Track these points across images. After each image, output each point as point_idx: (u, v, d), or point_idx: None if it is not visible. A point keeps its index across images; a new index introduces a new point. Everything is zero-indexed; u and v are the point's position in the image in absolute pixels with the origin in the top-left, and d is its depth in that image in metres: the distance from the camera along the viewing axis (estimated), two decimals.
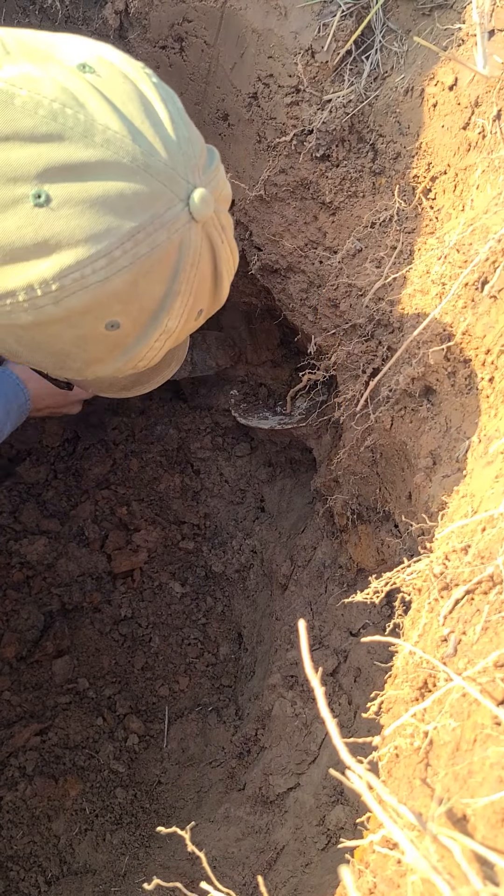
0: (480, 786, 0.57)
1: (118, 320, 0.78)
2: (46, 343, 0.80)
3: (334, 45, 1.13)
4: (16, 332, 0.79)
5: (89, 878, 1.42)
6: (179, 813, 1.52)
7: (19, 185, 0.71)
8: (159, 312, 0.80)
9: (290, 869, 1.16)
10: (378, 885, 0.63)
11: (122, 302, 0.76)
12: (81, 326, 0.77)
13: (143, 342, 0.82)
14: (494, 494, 0.80)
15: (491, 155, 1.00)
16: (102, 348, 0.81)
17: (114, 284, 0.74)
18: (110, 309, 0.76)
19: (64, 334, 0.78)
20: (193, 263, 0.79)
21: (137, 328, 0.80)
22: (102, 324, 0.77)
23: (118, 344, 0.81)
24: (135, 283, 0.75)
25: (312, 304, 1.31)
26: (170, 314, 0.81)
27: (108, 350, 0.82)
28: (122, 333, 0.79)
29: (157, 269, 0.76)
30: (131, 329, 0.80)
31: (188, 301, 0.82)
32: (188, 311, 0.83)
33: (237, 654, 1.81)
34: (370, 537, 1.32)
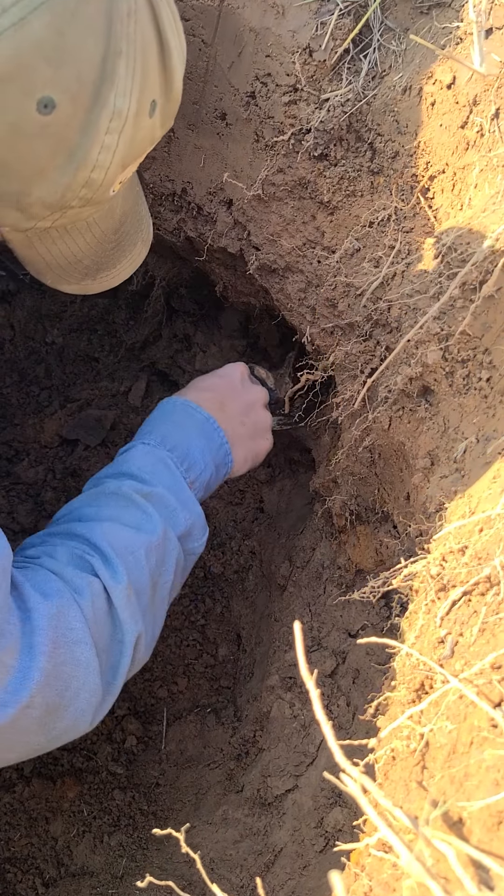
0: (476, 789, 0.56)
1: (51, 95, 0.63)
2: None
3: (332, 43, 1.13)
4: None
5: (87, 880, 1.41)
6: (177, 815, 1.51)
7: None
8: (101, 83, 0.65)
9: (288, 871, 1.16)
10: (374, 888, 0.63)
11: (50, 63, 0.61)
12: (9, 107, 0.62)
13: (91, 135, 0.67)
14: (492, 495, 0.80)
15: (489, 154, 0.99)
16: (42, 148, 0.66)
17: (33, 30, 0.60)
18: (37, 73, 0.62)
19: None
20: (129, 12, 0.65)
21: (79, 109, 0.65)
22: (33, 102, 0.63)
23: (61, 139, 0.66)
24: (59, 31, 0.61)
25: (310, 304, 1.31)
26: (115, 86, 0.66)
27: (50, 152, 0.67)
28: (60, 119, 0.65)
29: (83, 11, 0.62)
30: (71, 110, 0.65)
31: (136, 69, 0.67)
32: (139, 91, 0.68)
33: (236, 656, 1.80)
34: (369, 538, 1.32)
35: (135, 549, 0.91)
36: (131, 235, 0.91)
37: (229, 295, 1.60)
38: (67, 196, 0.71)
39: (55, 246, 0.80)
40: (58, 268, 0.84)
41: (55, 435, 1.87)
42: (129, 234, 0.91)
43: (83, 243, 0.81)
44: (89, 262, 0.85)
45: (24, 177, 0.68)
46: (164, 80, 0.72)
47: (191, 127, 1.30)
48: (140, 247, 0.95)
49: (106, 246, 0.86)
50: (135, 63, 0.67)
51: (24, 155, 0.66)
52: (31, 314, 1.93)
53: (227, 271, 1.52)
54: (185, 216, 1.42)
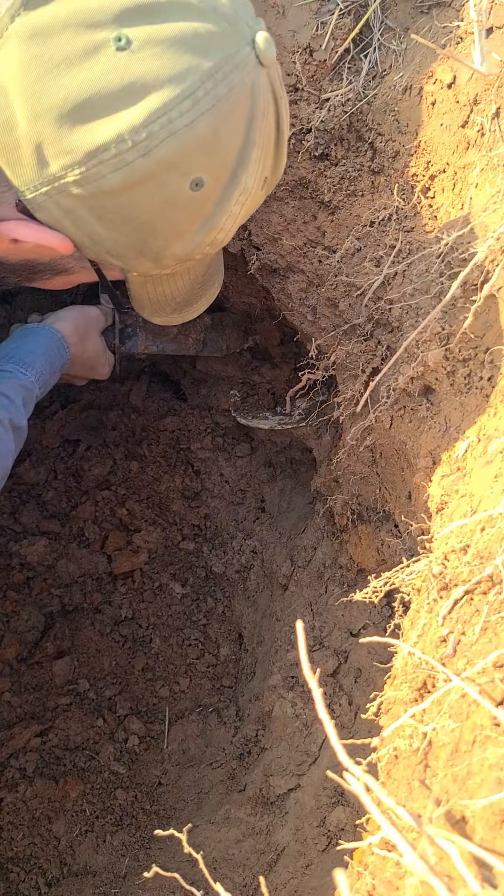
0: (479, 787, 0.56)
1: (202, 177, 0.78)
2: (132, 213, 0.79)
3: (332, 43, 1.13)
4: (101, 203, 0.78)
5: (90, 879, 1.41)
6: (180, 814, 1.52)
7: (100, 30, 0.72)
8: (238, 167, 0.81)
9: (291, 870, 1.16)
10: (377, 887, 0.63)
11: (205, 153, 0.77)
12: (168, 185, 0.77)
13: (224, 207, 0.83)
14: (493, 494, 0.80)
15: (490, 153, 0.99)
16: (186, 216, 0.82)
17: (198, 130, 0.75)
18: (196, 162, 0.77)
19: (151, 199, 0.78)
20: (264, 112, 0.80)
21: (219, 187, 0.81)
22: (188, 182, 0.78)
23: (201, 210, 0.82)
24: (216, 129, 0.76)
25: (311, 304, 1.31)
26: (247, 168, 0.82)
27: (191, 219, 0.82)
28: (205, 195, 0.80)
29: (234, 115, 0.77)
30: (213, 188, 0.80)
31: (261, 155, 0.83)
32: (261, 171, 0.84)
33: (238, 655, 1.81)
34: (370, 537, 1.32)
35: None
36: (213, 276, 1.09)
37: (230, 295, 1.60)
38: (195, 252, 0.88)
39: (160, 287, 0.97)
40: (157, 304, 1.02)
41: (56, 435, 1.88)
42: (213, 275, 1.08)
43: (181, 285, 0.99)
44: (181, 298, 1.03)
45: (166, 237, 0.83)
46: (275, 159, 0.88)
47: None
48: (217, 285, 1.12)
49: (195, 286, 1.03)
50: (262, 150, 0.83)
51: (171, 221, 0.81)
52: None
53: (228, 271, 1.52)
54: None
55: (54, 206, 0.79)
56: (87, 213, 0.79)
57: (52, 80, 0.72)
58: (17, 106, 0.73)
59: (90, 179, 0.75)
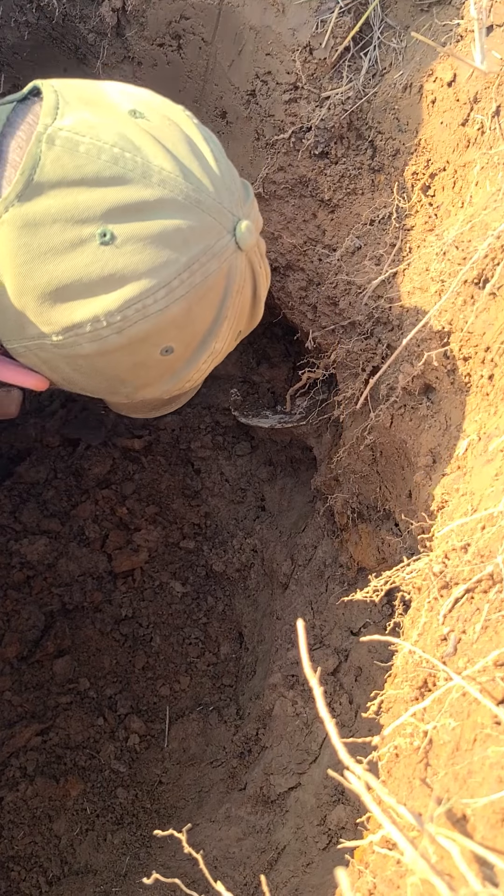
0: (480, 786, 0.56)
1: (172, 346, 0.83)
2: (104, 370, 0.85)
3: (332, 41, 1.13)
4: (76, 361, 0.84)
5: (90, 878, 1.41)
6: (180, 813, 1.52)
7: (86, 226, 0.76)
8: (208, 337, 0.86)
9: (292, 869, 1.16)
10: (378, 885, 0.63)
11: (177, 328, 0.82)
12: (139, 353, 0.83)
13: (193, 365, 0.88)
14: (494, 492, 0.80)
15: (490, 151, 0.99)
16: (155, 373, 0.87)
17: (171, 312, 0.80)
18: (167, 335, 0.82)
19: (123, 361, 0.84)
20: (239, 289, 0.85)
21: (188, 352, 0.86)
22: (158, 350, 0.83)
23: (170, 368, 0.87)
24: (189, 309, 0.81)
25: (312, 303, 1.31)
26: (217, 337, 0.87)
27: (160, 374, 0.88)
28: (174, 358, 0.85)
29: (208, 296, 0.82)
30: (183, 353, 0.86)
31: (232, 324, 0.88)
32: (232, 333, 0.90)
33: (238, 654, 1.81)
34: (370, 536, 1.32)
35: None
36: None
37: None
38: (164, 395, 0.94)
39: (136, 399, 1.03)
40: (132, 409, 1.11)
41: (57, 435, 1.88)
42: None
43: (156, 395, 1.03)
44: (157, 403, 1.10)
45: (135, 386, 0.90)
46: (250, 316, 0.93)
47: None
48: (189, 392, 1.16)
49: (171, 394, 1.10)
50: (233, 321, 0.88)
51: (140, 376, 0.87)
52: None
53: None
54: None
55: (33, 356, 0.85)
56: (64, 365, 0.85)
57: (39, 265, 0.77)
58: (6, 280, 0.79)
59: (67, 346, 0.81)
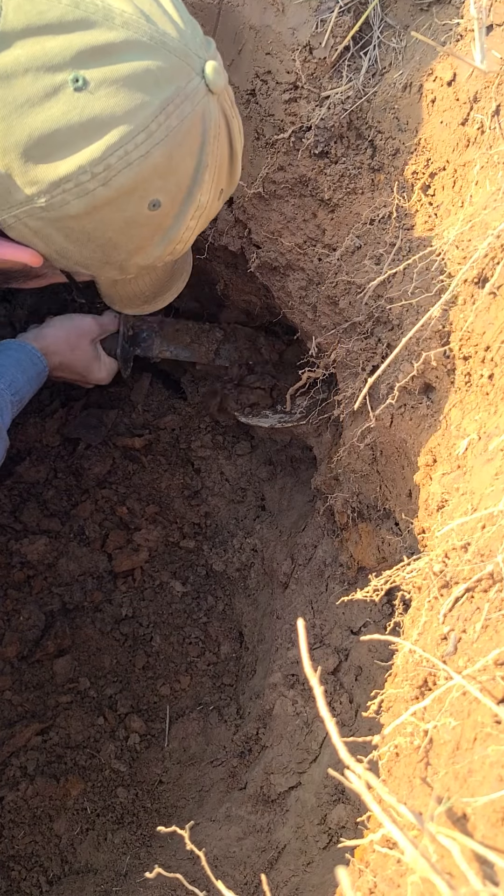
0: (480, 785, 0.56)
1: (159, 198, 0.85)
2: (95, 232, 0.86)
3: (332, 41, 1.13)
4: (67, 224, 0.84)
5: (91, 877, 1.42)
6: (181, 812, 1.52)
7: (58, 73, 0.77)
8: (192, 187, 0.88)
9: (292, 868, 1.16)
10: (378, 884, 0.63)
11: (161, 177, 0.83)
12: (128, 208, 0.84)
13: (181, 222, 0.90)
14: (494, 492, 0.80)
15: (490, 151, 0.99)
16: (146, 232, 0.89)
17: (153, 159, 0.81)
18: (152, 185, 0.84)
19: (113, 220, 0.85)
20: (215, 135, 0.87)
21: (176, 206, 0.88)
22: (146, 203, 0.84)
23: (160, 226, 0.89)
24: (170, 156, 0.83)
25: (312, 302, 1.31)
26: (201, 188, 0.88)
27: (151, 234, 0.89)
28: (163, 213, 0.87)
29: (187, 141, 0.84)
30: (170, 207, 0.87)
31: (214, 174, 0.90)
32: (215, 187, 0.91)
33: (238, 653, 1.81)
34: (371, 535, 1.32)
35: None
36: (180, 270, 1.18)
37: (230, 293, 1.60)
38: (156, 261, 0.95)
39: (129, 286, 1.06)
40: (126, 299, 1.12)
41: (56, 434, 1.88)
42: (179, 271, 1.17)
43: (149, 281, 1.07)
44: (150, 293, 1.12)
45: (128, 251, 0.90)
46: (230, 173, 0.96)
47: None
48: (184, 276, 1.21)
49: (164, 281, 1.13)
50: (214, 171, 0.89)
51: (133, 237, 0.88)
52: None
53: (228, 269, 1.52)
54: None
55: (23, 227, 0.85)
56: (55, 233, 0.85)
57: (17, 119, 0.78)
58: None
59: (55, 206, 0.82)
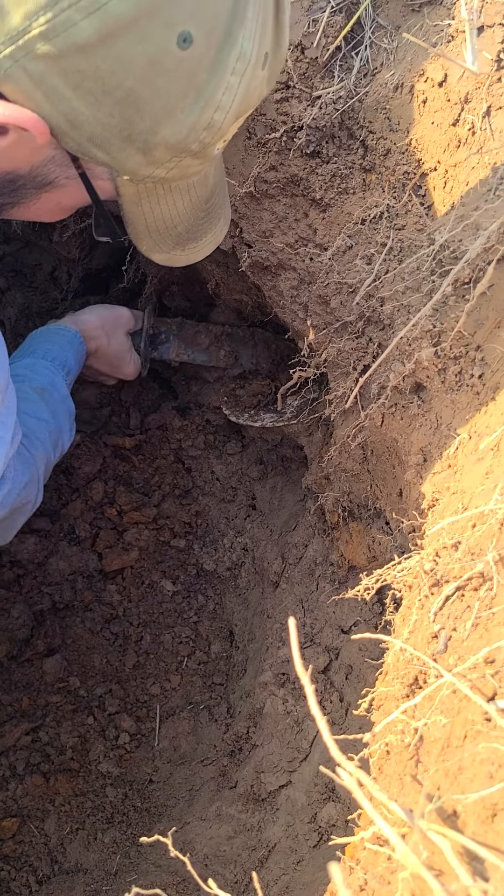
0: (471, 782, 0.57)
1: (190, 30, 0.68)
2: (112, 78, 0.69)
3: (324, 41, 1.13)
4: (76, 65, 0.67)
5: (81, 877, 1.41)
6: (171, 811, 1.52)
7: None
8: (233, 22, 0.70)
9: (282, 866, 1.16)
10: (369, 881, 0.63)
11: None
12: (151, 38, 0.67)
13: (219, 73, 0.72)
14: (485, 491, 0.80)
15: (481, 151, 1.00)
16: (175, 84, 0.71)
17: None
18: (182, 7, 0.66)
19: (134, 56, 0.68)
20: None
21: (212, 47, 0.70)
22: (174, 35, 0.67)
23: (193, 76, 0.71)
24: None
25: (303, 302, 1.31)
26: (244, 27, 0.71)
27: (182, 89, 0.71)
28: (196, 55, 0.69)
29: None
30: (205, 47, 0.70)
31: (259, 15, 0.73)
32: (259, 38, 0.74)
33: (229, 653, 1.81)
34: (361, 535, 1.32)
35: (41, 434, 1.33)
36: (217, 209, 0.99)
37: (221, 292, 1.60)
38: (190, 138, 0.76)
39: (158, 207, 0.87)
40: (155, 232, 0.91)
41: None
42: (217, 207, 0.99)
43: (181, 206, 0.89)
44: (182, 228, 0.93)
45: (155, 114, 0.72)
46: (276, 34, 0.78)
47: None
48: (223, 224, 1.02)
49: (199, 214, 0.93)
50: (259, 9, 0.72)
51: (159, 91, 0.70)
52: (22, 311, 1.92)
53: (219, 269, 1.52)
54: None
55: (22, 74, 0.68)
56: (62, 82, 0.69)
57: None
58: None
59: (59, 29, 0.65)
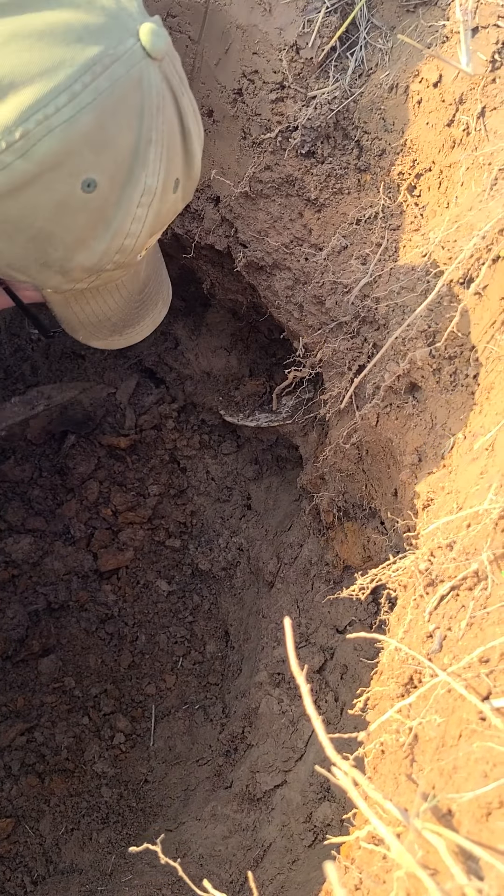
0: (465, 781, 0.57)
1: (93, 177, 0.73)
2: (23, 221, 0.74)
3: (319, 41, 1.13)
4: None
5: (76, 877, 1.41)
6: (166, 811, 1.52)
7: None
8: (134, 166, 0.76)
9: (277, 866, 1.16)
10: (364, 880, 0.63)
11: (93, 150, 0.72)
12: (57, 188, 0.73)
13: (125, 209, 0.77)
14: (479, 491, 0.81)
15: (475, 152, 1.00)
16: (83, 220, 0.76)
17: (81, 126, 0.71)
18: (83, 160, 0.72)
19: (41, 203, 0.73)
20: (159, 107, 0.76)
21: (116, 187, 0.76)
22: (78, 183, 0.73)
23: (100, 213, 0.76)
24: (102, 125, 0.72)
25: (298, 302, 1.31)
26: (146, 168, 0.76)
27: (90, 223, 0.76)
28: (100, 196, 0.75)
29: (121, 109, 0.73)
30: (109, 189, 0.75)
31: (162, 154, 0.77)
32: (165, 172, 0.79)
33: (224, 652, 1.81)
34: (356, 534, 1.33)
35: None
36: (153, 296, 1.03)
37: (216, 292, 1.60)
38: (104, 261, 0.81)
39: (88, 306, 0.92)
40: (90, 325, 0.95)
41: (42, 432, 1.87)
42: (152, 295, 1.03)
43: (112, 303, 0.93)
44: (117, 319, 0.97)
45: (67, 245, 0.78)
46: (185, 162, 0.83)
47: None
48: (161, 306, 1.06)
49: (132, 305, 0.97)
50: (162, 148, 0.78)
51: (69, 227, 0.76)
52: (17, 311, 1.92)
53: (214, 268, 1.52)
54: None
55: None
56: None
57: None
58: None
59: None
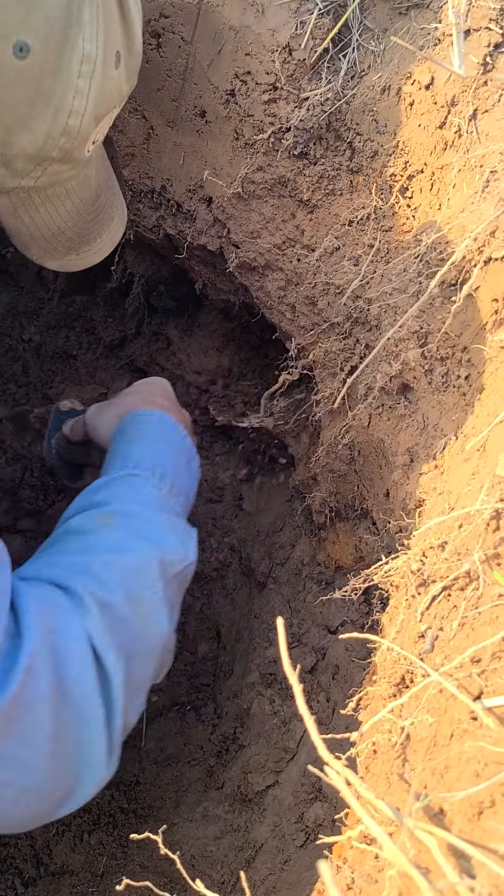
0: (457, 780, 0.57)
1: (24, 39, 0.68)
2: None
3: (311, 42, 1.13)
4: None
5: (67, 879, 1.41)
6: (158, 812, 1.51)
7: None
8: (69, 27, 0.70)
9: (269, 866, 1.17)
10: (356, 880, 0.64)
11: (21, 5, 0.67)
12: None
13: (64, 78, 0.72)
14: (471, 491, 0.81)
15: (467, 154, 1.00)
16: (21, 94, 0.70)
17: None
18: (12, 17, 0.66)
19: None
20: None
21: (51, 53, 0.70)
22: (9, 45, 0.67)
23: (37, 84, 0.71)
24: None
25: (290, 302, 1.31)
26: (82, 29, 0.71)
27: (29, 98, 0.71)
28: (35, 63, 0.69)
29: None
30: (44, 55, 0.70)
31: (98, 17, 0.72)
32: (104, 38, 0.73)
33: (216, 653, 1.81)
34: (348, 535, 1.33)
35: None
36: (108, 209, 0.96)
37: (209, 293, 1.60)
38: (48, 146, 0.75)
39: (38, 214, 0.84)
40: (42, 240, 0.88)
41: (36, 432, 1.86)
42: (106, 208, 0.96)
43: (64, 212, 0.86)
44: (71, 233, 0.89)
45: (6, 125, 0.71)
46: (125, 32, 0.78)
47: (170, 124, 1.29)
48: (117, 222, 1.00)
49: (86, 217, 0.90)
50: (97, 10, 0.72)
51: (4, 102, 0.70)
52: (8, 311, 1.91)
53: (207, 269, 1.52)
54: (165, 213, 1.42)
55: None
56: None
57: None
58: None
59: None
